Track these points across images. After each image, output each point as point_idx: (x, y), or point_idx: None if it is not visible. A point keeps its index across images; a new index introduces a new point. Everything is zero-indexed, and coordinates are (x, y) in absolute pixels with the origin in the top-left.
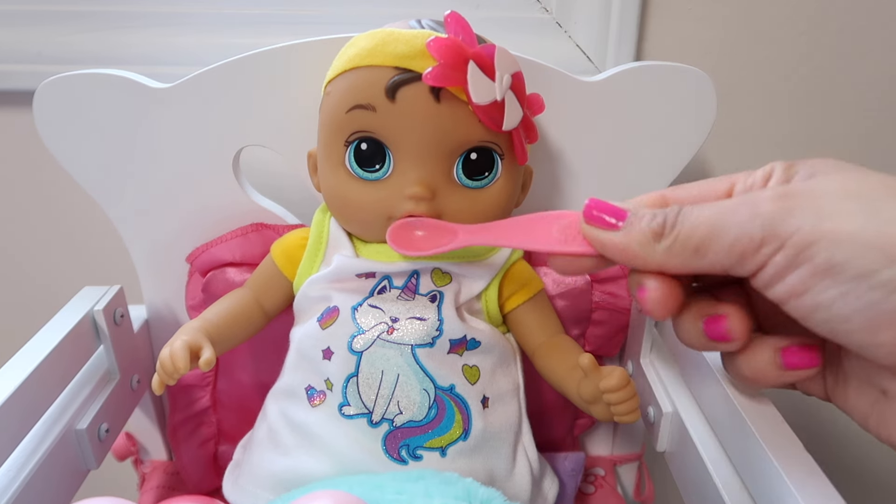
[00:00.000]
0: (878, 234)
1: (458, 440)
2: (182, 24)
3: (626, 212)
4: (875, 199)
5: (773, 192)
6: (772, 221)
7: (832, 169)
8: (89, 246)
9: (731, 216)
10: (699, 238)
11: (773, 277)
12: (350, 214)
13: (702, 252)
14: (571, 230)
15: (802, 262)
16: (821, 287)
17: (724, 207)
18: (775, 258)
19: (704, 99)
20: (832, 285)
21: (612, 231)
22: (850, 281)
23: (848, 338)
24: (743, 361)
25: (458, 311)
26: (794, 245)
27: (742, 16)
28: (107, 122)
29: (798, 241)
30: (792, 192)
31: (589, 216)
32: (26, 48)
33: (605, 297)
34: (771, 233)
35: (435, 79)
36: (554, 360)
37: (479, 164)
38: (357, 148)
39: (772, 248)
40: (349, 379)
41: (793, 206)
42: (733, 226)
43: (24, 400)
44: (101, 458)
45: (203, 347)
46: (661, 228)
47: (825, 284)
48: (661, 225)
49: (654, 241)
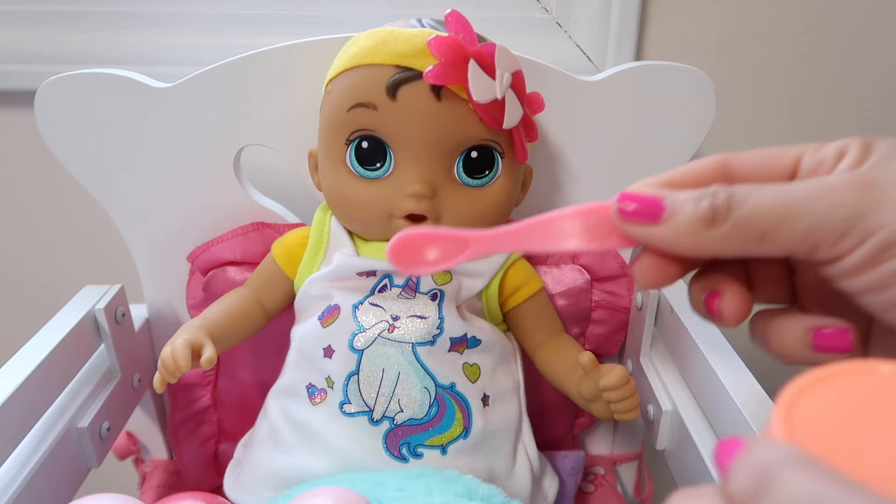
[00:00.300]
0: None
1: (458, 438)
2: (182, 24)
3: (662, 201)
4: None
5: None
6: (856, 212)
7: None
8: (90, 245)
9: (807, 202)
10: (768, 224)
11: (851, 270)
12: (351, 213)
13: (769, 239)
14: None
15: (890, 257)
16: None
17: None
18: (857, 252)
19: (704, 99)
20: None
21: (652, 226)
22: None
23: None
24: (774, 337)
25: (459, 310)
26: (882, 241)
27: (742, 16)
28: (108, 121)
29: (887, 236)
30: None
31: (623, 214)
32: (26, 48)
33: (605, 296)
34: (855, 225)
35: (436, 77)
36: (554, 358)
37: (479, 162)
38: (358, 146)
39: (854, 240)
40: (350, 377)
41: (880, 197)
42: (809, 213)
43: (26, 398)
44: (102, 457)
45: (204, 346)
46: (710, 214)
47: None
48: (708, 211)
49: (705, 229)
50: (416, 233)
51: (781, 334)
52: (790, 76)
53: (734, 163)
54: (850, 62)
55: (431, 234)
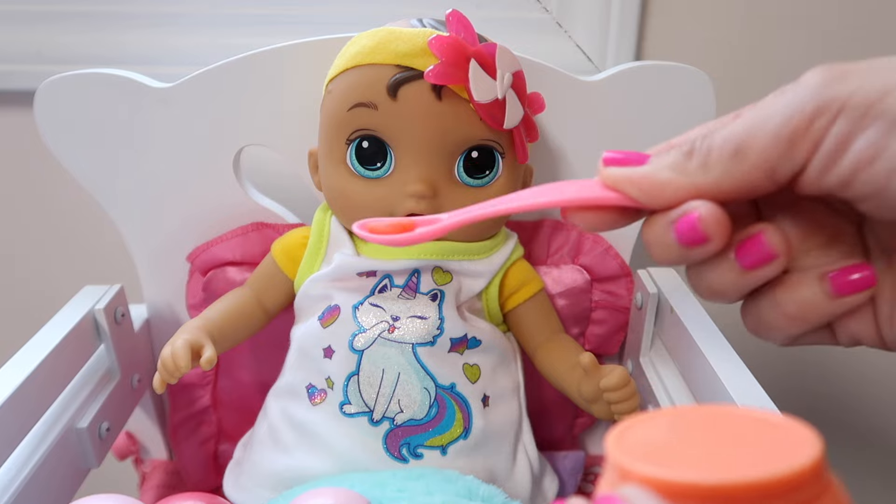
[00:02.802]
0: None
1: (458, 439)
2: (182, 24)
3: (649, 154)
4: None
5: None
6: (823, 89)
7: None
8: (90, 245)
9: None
10: (739, 138)
11: (833, 153)
12: (351, 212)
13: (743, 150)
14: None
15: (870, 122)
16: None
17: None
18: (834, 127)
19: (704, 99)
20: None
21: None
22: None
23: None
24: (786, 297)
25: (459, 310)
26: (858, 104)
27: (742, 16)
28: (108, 121)
29: (861, 98)
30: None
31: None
32: (26, 48)
33: (605, 297)
34: (824, 100)
35: (436, 77)
36: (554, 358)
37: (480, 162)
38: (358, 146)
39: (827, 117)
40: (350, 377)
41: (842, 73)
42: (778, 111)
43: (25, 399)
44: (102, 457)
45: (204, 346)
46: (689, 148)
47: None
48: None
49: (685, 161)
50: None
51: (797, 291)
52: (790, 76)
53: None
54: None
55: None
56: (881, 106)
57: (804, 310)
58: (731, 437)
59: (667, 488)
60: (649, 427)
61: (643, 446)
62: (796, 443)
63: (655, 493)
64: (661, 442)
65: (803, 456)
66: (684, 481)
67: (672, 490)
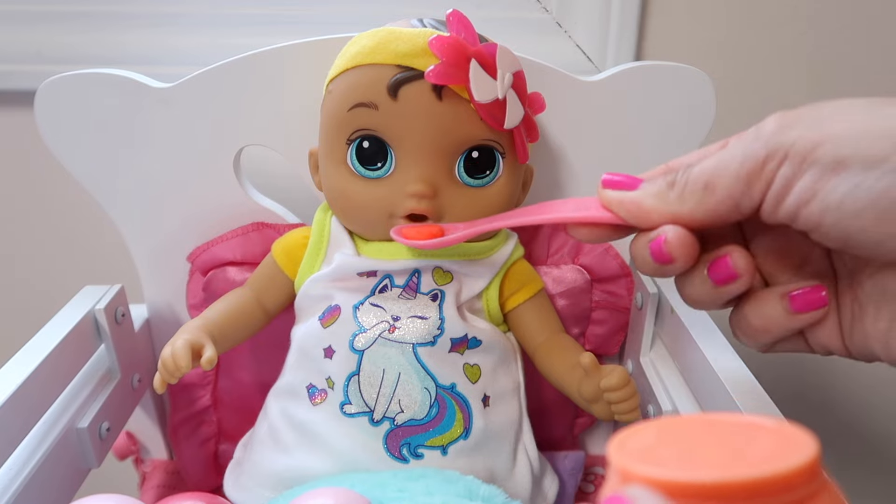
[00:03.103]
0: (883, 126)
1: (458, 439)
2: (182, 24)
3: (642, 179)
4: (872, 104)
5: (772, 118)
6: (773, 137)
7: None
8: (90, 245)
9: (735, 149)
10: (708, 174)
11: (781, 192)
12: (352, 213)
13: (711, 186)
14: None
15: (808, 167)
16: (829, 187)
17: (727, 148)
18: (781, 170)
19: (704, 99)
20: (840, 182)
21: (629, 190)
22: (860, 173)
23: (861, 238)
24: (752, 311)
25: (459, 310)
26: (798, 152)
27: (742, 15)
28: (108, 121)
29: (801, 147)
30: (790, 113)
31: (607, 181)
32: (26, 48)
33: (605, 297)
34: (773, 147)
35: (437, 77)
36: (554, 358)
37: (480, 162)
38: (359, 146)
39: (776, 161)
40: (350, 377)
41: (792, 121)
42: (738, 154)
43: (26, 399)
44: (102, 457)
45: (205, 346)
46: (672, 180)
47: (833, 183)
48: (671, 179)
49: (667, 191)
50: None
51: (761, 307)
52: (790, 76)
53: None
54: (850, 62)
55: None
56: (816, 154)
57: (768, 323)
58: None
59: (670, 488)
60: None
61: (645, 451)
62: (792, 443)
63: (659, 493)
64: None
65: (800, 455)
66: (686, 480)
67: (674, 489)
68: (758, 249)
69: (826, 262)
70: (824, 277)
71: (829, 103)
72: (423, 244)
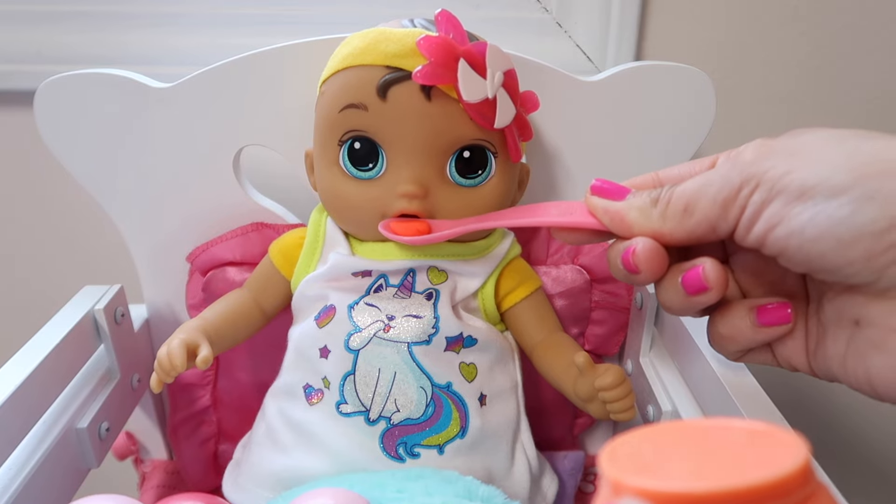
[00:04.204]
0: (847, 158)
1: (455, 438)
2: (182, 24)
3: (629, 189)
4: (844, 137)
5: (752, 145)
6: (749, 166)
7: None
8: (90, 245)
9: (714, 174)
10: (688, 197)
11: (752, 217)
12: (344, 213)
13: (690, 209)
14: (571, 208)
15: (777, 194)
16: (794, 213)
17: (709, 171)
18: (753, 197)
19: (704, 99)
20: (804, 209)
21: (615, 199)
22: (822, 202)
23: (821, 262)
24: (721, 321)
25: (455, 309)
26: (769, 180)
27: (742, 16)
28: (107, 121)
29: (772, 175)
30: (769, 142)
31: (596, 188)
32: (26, 48)
33: (605, 297)
34: (748, 175)
35: (425, 77)
36: (551, 357)
37: (472, 162)
38: (350, 147)
39: (749, 188)
40: (346, 377)
41: (768, 151)
42: (717, 179)
43: (25, 399)
44: (102, 457)
45: (200, 346)
46: (655, 197)
47: (798, 210)
48: (655, 195)
49: (650, 207)
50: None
51: (729, 318)
52: (790, 76)
53: (662, 177)
54: (850, 62)
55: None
56: (784, 182)
57: (735, 333)
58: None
59: (660, 498)
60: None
61: (636, 461)
62: (783, 449)
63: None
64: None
65: (790, 461)
66: (675, 491)
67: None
68: (736, 265)
69: (801, 284)
70: (796, 297)
71: (806, 133)
72: (409, 240)
